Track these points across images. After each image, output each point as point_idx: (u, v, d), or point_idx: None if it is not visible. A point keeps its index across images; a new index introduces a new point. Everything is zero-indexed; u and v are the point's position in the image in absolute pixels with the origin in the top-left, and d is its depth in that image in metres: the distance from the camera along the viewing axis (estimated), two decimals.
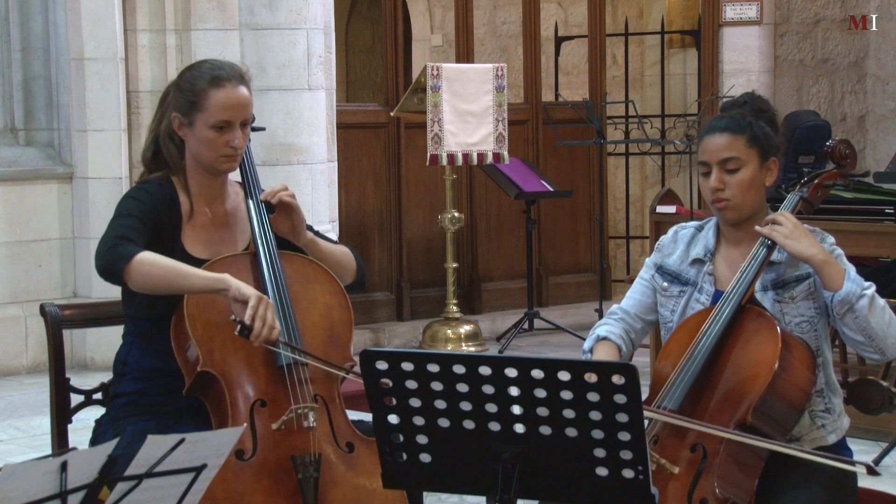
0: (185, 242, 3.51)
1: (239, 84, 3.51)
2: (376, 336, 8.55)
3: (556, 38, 11.00)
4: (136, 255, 3.28)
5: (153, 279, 3.29)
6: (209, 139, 3.48)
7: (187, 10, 7.22)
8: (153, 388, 3.47)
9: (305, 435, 3.31)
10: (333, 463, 3.34)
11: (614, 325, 3.57)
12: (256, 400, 3.34)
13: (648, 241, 9.16)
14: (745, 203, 3.40)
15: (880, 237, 6.46)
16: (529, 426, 2.63)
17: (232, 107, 3.48)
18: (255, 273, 3.46)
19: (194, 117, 3.48)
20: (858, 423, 3.65)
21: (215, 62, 3.58)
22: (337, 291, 3.57)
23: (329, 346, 3.50)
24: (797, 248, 3.32)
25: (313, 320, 3.49)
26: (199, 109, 3.48)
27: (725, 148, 3.39)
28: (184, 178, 3.55)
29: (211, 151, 3.49)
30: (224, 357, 3.34)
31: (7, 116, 7.57)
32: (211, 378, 3.33)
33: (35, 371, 7.21)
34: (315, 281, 3.55)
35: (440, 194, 8.58)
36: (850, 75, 11.14)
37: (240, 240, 3.59)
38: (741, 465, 3.20)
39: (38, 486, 2.20)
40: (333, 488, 3.31)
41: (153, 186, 3.53)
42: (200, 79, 3.50)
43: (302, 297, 3.50)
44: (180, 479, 2.42)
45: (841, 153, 3.66)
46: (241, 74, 3.55)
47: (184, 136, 3.52)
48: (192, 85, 3.50)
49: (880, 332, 3.29)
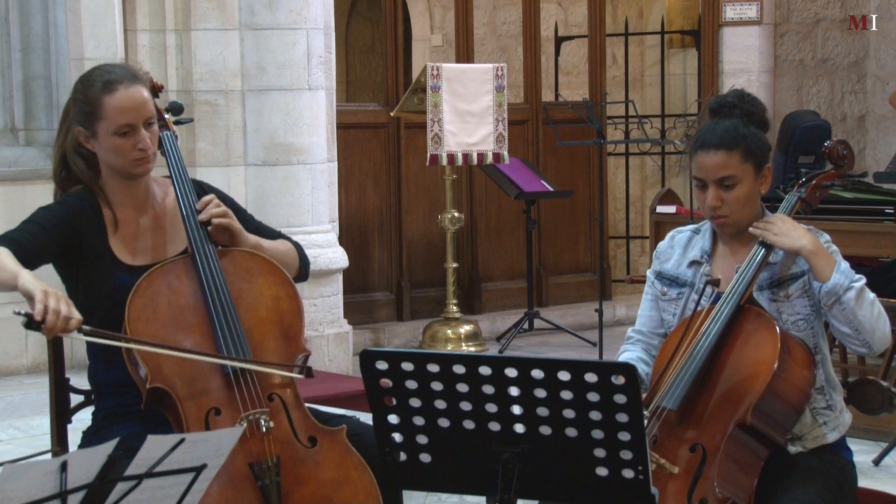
0: (116, 252, 3.47)
1: (132, 84, 3.43)
2: (376, 336, 8.55)
3: (556, 38, 11.00)
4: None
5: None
6: (116, 146, 3.42)
7: (187, 10, 7.22)
8: (128, 400, 3.44)
9: (261, 440, 3.27)
10: (296, 461, 3.29)
11: (633, 349, 3.59)
12: (210, 409, 3.30)
13: (648, 241, 9.16)
14: (743, 217, 3.41)
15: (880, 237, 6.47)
16: (529, 426, 2.63)
17: (129, 109, 3.41)
18: (195, 275, 3.42)
19: (96, 127, 3.42)
20: (858, 423, 3.66)
21: (105, 66, 3.50)
22: (283, 282, 3.50)
23: (281, 340, 3.45)
24: (786, 242, 3.34)
25: (262, 316, 3.44)
26: (99, 118, 3.41)
27: (721, 167, 3.38)
28: (101, 190, 3.49)
29: (121, 158, 3.43)
30: (172, 370, 3.30)
31: (7, 116, 7.57)
32: (162, 392, 3.30)
33: (35, 371, 7.20)
34: (259, 274, 3.49)
35: (440, 194, 8.58)
36: (850, 75, 11.14)
37: (175, 240, 3.54)
38: (740, 464, 3.20)
39: (38, 486, 2.20)
40: (299, 487, 3.27)
41: (71, 198, 3.49)
42: (93, 87, 3.43)
43: (247, 294, 3.45)
44: (180, 479, 2.42)
45: (839, 153, 3.67)
46: (134, 74, 3.47)
47: (92, 148, 3.46)
48: (86, 95, 3.44)
49: (867, 325, 3.30)
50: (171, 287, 3.40)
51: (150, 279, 3.38)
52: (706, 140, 3.40)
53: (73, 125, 3.49)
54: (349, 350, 7.51)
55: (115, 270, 3.45)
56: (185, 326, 3.38)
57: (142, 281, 3.37)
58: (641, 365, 3.51)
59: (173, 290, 3.40)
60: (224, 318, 3.36)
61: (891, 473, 5.33)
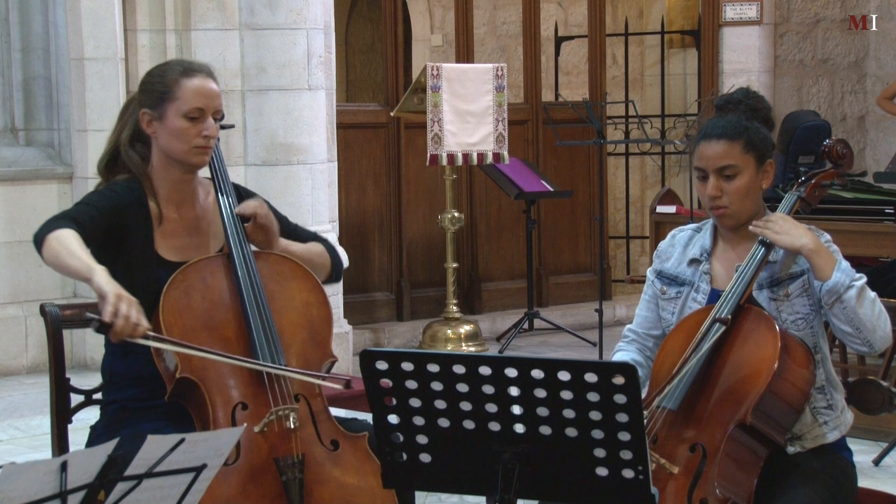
0: (158, 247, 3.49)
1: (209, 77, 3.51)
2: (376, 336, 8.55)
3: (556, 38, 11.00)
4: (58, 230, 3.27)
5: (52, 253, 3.26)
6: (182, 129, 3.45)
7: (187, 10, 7.22)
8: (143, 394, 3.46)
9: (288, 436, 3.30)
10: (318, 462, 3.33)
11: (628, 349, 3.60)
12: (237, 403, 3.32)
13: (648, 241, 9.16)
14: (742, 209, 3.42)
15: (880, 237, 6.47)
16: (529, 426, 2.63)
17: (205, 94, 3.47)
18: (230, 274, 3.44)
19: (165, 108, 3.46)
20: (858, 423, 3.65)
21: (184, 60, 3.64)
22: (314, 288, 3.54)
23: (308, 344, 3.48)
24: (787, 241, 3.34)
25: (291, 319, 3.47)
26: (171, 99, 3.46)
27: (722, 156, 3.39)
28: (150, 183, 3.52)
29: (183, 142, 3.46)
30: (202, 362, 3.32)
31: (7, 116, 7.57)
32: (191, 384, 3.32)
33: (35, 371, 7.21)
34: (291, 278, 3.52)
35: (440, 194, 8.58)
36: (850, 75, 11.14)
37: (213, 242, 3.56)
38: (740, 464, 3.20)
39: (38, 486, 2.20)
40: (319, 487, 3.30)
41: (120, 186, 3.51)
42: (170, 71, 3.51)
43: (279, 296, 3.48)
44: (180, 480, 2.42)
45: (838, 153, 3.67)
46: (210, 70, 3.55)
47: (153, 132, 3.49)
48: (162, 78, 3.50)
49: (868, 323, 3.31)
50: (205, 283, 3.43)
51: (185, 273, 3.41)
52: (709, 131, 3.42)
53: (133, 114, 3.53)
54: (349, 350, 7.51)
55: (155, 266, 3.46)
56: (218, 322, 3.41)
57: (177, 274, 3.39)
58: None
59: (208, 286, 3.43)
60: (259, 318, 3.39)
61: (891, 473, 5.34)
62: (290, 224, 3.72)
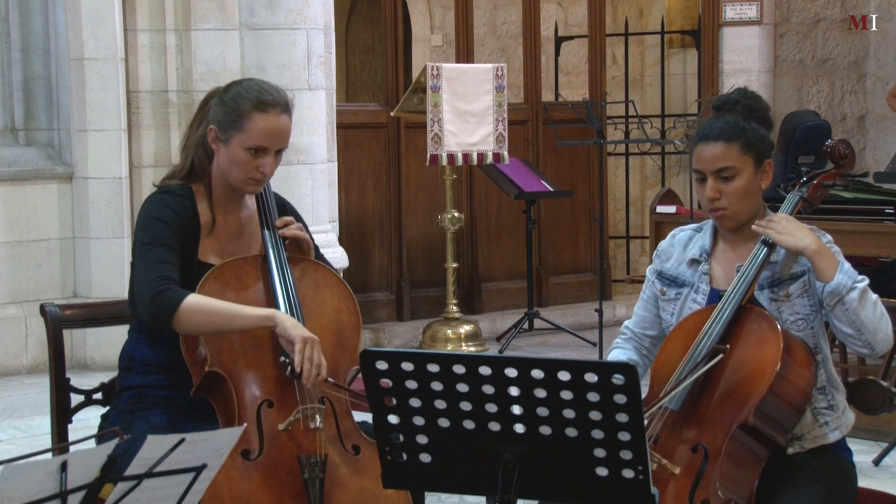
0: (201, 252, 3.51)
1: (283, 113, 3.48)
2: (376, 336, 8.55)
3: (556, 38, 11.00)
4: (183, 302, 3.29)
5: (203, 325, 3.31)
6: (242, 160, 3.46)
7: (187, 10, 7.22)
8: (161, 382, 3.47)
9: (312, 436, 3.32)
10: (339, 465, 3.35)
11: (624, 346, 3.60)
12: (264, 400, 3.35)
13: (648, 241, 9.16)
14: (741, 210, 3.41)
15: (880, 237, 6.48)
16: (529, 426, 2.63)
17: (272, 134, 3.46)
18: (264, 276, 3.48)
19: (232, 135, 3.46)
20: (858, 423, 3.65)
21: (264, 84, 3.52)
22: (346, 296, 3.59)
23: (337, 350, 3.51)
24: (790, 242, 3.33)
25: (321, 324, 3.50)
26: (239, 129, 3.45)
27: (720, 157, 3.38)
28: (207, 187, 3.53)
29: (240, 172, 3.48)
30: (232, 357, 3.36)
31: (7, 116, 7.57)
32: (219, 378, 3.35)
33: (35, 371, 7.21)
34: (324, 285, 3.57)
35: (440, 194, 8.58)
36: (850, 75, 11.14)
37: (254, 246, 3.59)
38: (742, 465, 3.20)
39: (38, 486, 2.20)
40: (339, 489, 3.32)
41: (174, 201, 3.49)
42: (246, 99, 3.46)
43: (311, 301, 3.51)
44: (180, 479, 2.42)
45: (840, 153, 3.66)
46: (287, 103, 3.51)
47: (216, 149, 3.50)
48: (238, 104, 3.46)
49: (870, 325, 3.30)
50: (240, 281, 3.46)
51: (220, 270, 3.44)
52: (706, 132, 3.42)
53: (207, 120, 3.52)
54: None
55: (196, 270, 3.47)
56: None
57: (213, 270, 3.43)
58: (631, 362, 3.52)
59: (242, 285, 3.46)
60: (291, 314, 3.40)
61: (891, 473, 5.34)
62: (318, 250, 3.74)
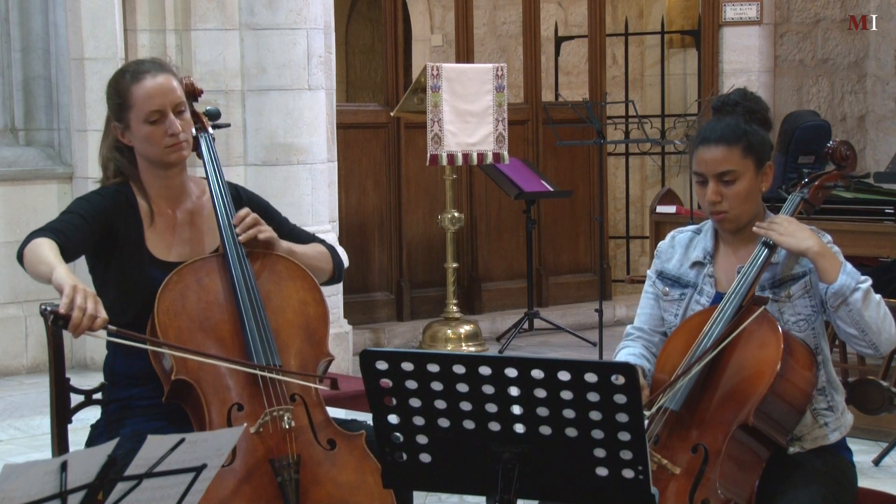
0: (150, 246, 3.50)
1: (159, 72, 3.50)
2: (376, 336, 8.54)
3: (556, 38, 11.00)
4: (34, 240, 3.29)
5: (28, 264, 3.29)
6: (147, 134, 3.47)
7: (187, 10, 7.22)
8: (145, 392, 3.47)
9: (283, 437, 3.30)
10: (315, 462, 3.32)
11: (633, 345, 3.58)
12: (233, 404, 3.33)
13: (648, 241, 9.16)
14: (743, 213, 3.41)
15: (880, 237, 6.47)
16: (529, 426, 2.63)
17: (156, 95, 3.47)
18: (225, 275, 3.45)
19: (128, 118, 3.49)
20: (858, 423, 3.65)
21: (135, 61, 3.61)
22: (310, 287, 3.54)
23: (305, 343, 3.48)
24: (793, 243, 3.33)
25: (287, 318, 3.47)
26: (129, 108, 3.48)
27: (721, 161, 3.37)
28: (140, 184, 3.54)
29: (154, 146, 3.48)
30: (198, 363, 3.33)
31: (7, 116, 7.57)
32: (187, 385, 3.33)
33: (35, 371, 7.21)
34: (287, 278, 3.53)
35: (440, 194, 8.57)
36: (850, 75, 11.14)
37: (207, 238, 3.57)
38: (742, 465, 3.20)
39: (38, 486, 2.20)
40: (315, 487, 3.30)
41: (108, 190, 3.54)
42: (122, 80, 3.52)
43: (275, 296, 3.48)
44: (180, 480, 2.42)
45: (842, 154, 3.66)
46: (161, 63, 3.55)
47: (128, 141, 3.52)
48: (117, 88, 3.52)
49: (874, 326, 3.30)
50: (201, 283, 3.43)
51: (180, 274, 3.41)
52: (707, 135, 3.40)
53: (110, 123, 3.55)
54: (349, 350, 7.51)
55: (149, 266, 3.47)
56: (214, 323, 3.41)
57: (172, 275, 3.41)
58: (643, 361, 3.50)
59: (203, 287, 3.43)
60: (254, 318, 3.39)
61: (891, 473, 5.33)
62: (289, 225, 3.73)
